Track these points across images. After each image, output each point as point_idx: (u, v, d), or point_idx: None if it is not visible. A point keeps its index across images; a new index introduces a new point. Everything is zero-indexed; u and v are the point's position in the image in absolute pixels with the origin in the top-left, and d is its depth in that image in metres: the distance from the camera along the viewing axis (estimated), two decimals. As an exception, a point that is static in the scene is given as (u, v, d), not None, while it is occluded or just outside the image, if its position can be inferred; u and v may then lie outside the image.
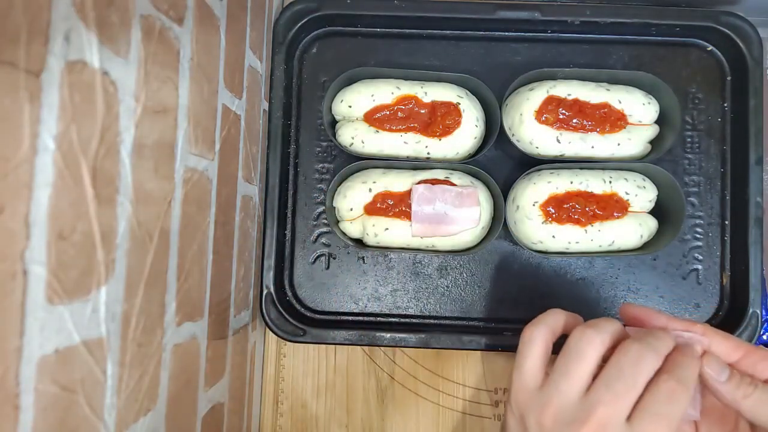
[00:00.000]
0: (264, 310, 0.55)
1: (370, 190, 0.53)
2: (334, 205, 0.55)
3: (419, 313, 0.57)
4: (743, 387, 0.36)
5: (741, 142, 0.55)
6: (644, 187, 0.53)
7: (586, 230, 0.51)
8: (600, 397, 0.34)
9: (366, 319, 0.57)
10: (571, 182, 0.52)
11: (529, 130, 0.52)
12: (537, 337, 0.39)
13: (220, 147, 0.45)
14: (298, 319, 0.56)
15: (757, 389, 0.36)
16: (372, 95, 0.53)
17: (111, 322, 0.30)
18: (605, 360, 0.36)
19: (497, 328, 0.56)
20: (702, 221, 0.57)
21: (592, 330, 0.36)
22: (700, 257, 0.57)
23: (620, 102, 0.53)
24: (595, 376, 0.35)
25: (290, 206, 0.58)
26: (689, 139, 0.57)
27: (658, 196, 0.53)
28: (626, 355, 0.35)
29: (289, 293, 0.57)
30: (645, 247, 0.54)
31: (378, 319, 0.57)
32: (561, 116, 0.52)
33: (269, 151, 0.56)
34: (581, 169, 0.54)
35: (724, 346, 0.38)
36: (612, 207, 0.52)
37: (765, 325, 0.56)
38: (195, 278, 0.41)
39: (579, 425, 0.33)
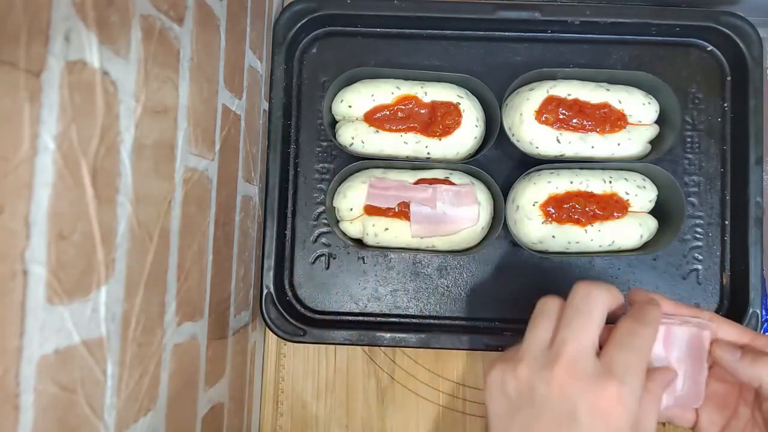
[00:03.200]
0: (264, 310, 0.55)
1: (370, 190, 0.53)
2: (334, 205, 0.55)
3: (419, 313, 0.57)
4: (760, 361, 0.36)
5: (741, 142, 0.55)
6: (644, 187, 0.53)
7: (586, 230, 0.51)
8: (564, 336, 0.35)
9: (366, 319, 0.57)
10: (571, 182, 0.52)
11: (529, 130, 0.52)
12: (538, 319, 0.39)
13: (220, 147, 0.45)
14: (298, 319, 0.56)
15: None
16: (372, 95, 0.53)
17: (111, 322, 0.30)
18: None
19: (497, 328, 0.56)
20: (702, 221, 0.57)
21: (552, 297, 0.39)
22: (700, 257, 0.57)
23: (620, 102, 0.53)
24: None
25: (290, 206, 0.58)
26: (689, 139, 0.57)
27: (658, 196, 0.53)
28: (576, 294, 0.37)
29: (289, 293, 0.57)
30: (645, 247, 0.54)
31: (378, 319, 0.57)
32: (561, 116, 0.52)
33: (269, 151, 0.56)
34: (581, 169, 0.54)
35: (730, 331, 0.39)
36: (612, 207, 0.52)
37: (765, 325, 0.56)
38: (195, 278, 0.41)
39: (551, 365, 0.34)
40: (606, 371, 0.33)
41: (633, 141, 0.53)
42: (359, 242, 0.55)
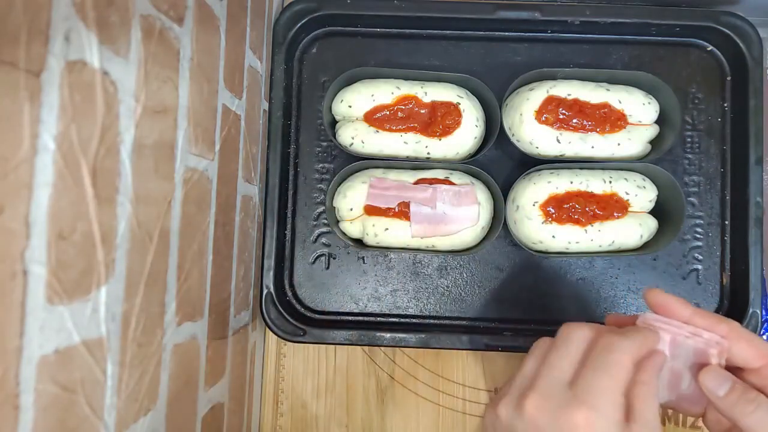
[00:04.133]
0: (264, 310, 0.55)
1: (370, 190, 0.53)
2: (334, 205, 0.55)
3: (419, 313, 0.57)
4: (741, 404, 0.35)
5: (741, 142, 0.55)
6: (644, 187, 0.53)
7: (586, 230, 0.51)
8: (539, 371, 0.36)
9: (366, 319, 0.57)
10: (571, 182, 0.52)
11: (529, 130, 0.52)
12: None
13: (220, 147, 0.45)
14: (298, 319, 0.56)
15: (758, 409, 0.34)
16: (372, 95, 0.53)
17: (111, 322, 0.30)
18: None
19: (497, 328, 0.56)
20: (702, 221, 0.57)
21: (544, 340, 0.39)
22: (700, 257, 0.57)
23: (620, 102, 0.53)
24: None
25: (290, 206, 0.58)
26: (689, 139, 0.57)
27: (658, 196, 0.53)
28: (559, 335, 0.38)
29: (289, 293, 0.57)
30: (645, 247, 0.54)
31: (378, 319, 0.57)
32: (561, 116, 0.52)
33: (269, 151, 0.56)
34: (581, 169, 0.54)
35: (746, 352, 0.36)
36: (612, 207, 0.52)
37: (765, 325, 0.56)
38: (195, 278, 0.41)
39: (524, 398, 0.35)
40: (574, 398, 0.33)
41: (633, 141, 0.53)
42: (359, 242, 0.55)
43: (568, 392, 0.34)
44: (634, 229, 0.52)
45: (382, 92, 0.53)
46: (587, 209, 0.51)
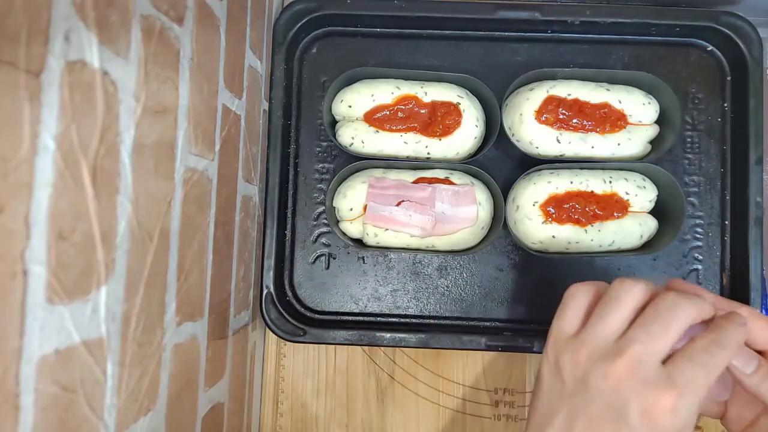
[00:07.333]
0: (264, 310, 0.55)
1: (370, 190, 0.53)
2: (334, 205, 0.55)
3: (419, 313, 0.57)
4: None
5: (741, 142, 0.55)
6: (644, 187, 0.53)
7: (586, 230, 0.51)
8: (636, 336, 0.34)
9: (366, 319, 0.57)
10: (571, 182, 0.52)
11: (529, 130, 0.52)
12: (580, 292, 0.39)
13: (220, 147, 0.45)
14: (298, 319, 0.56)
15: None
16: (372, 95, 0.53)
17: (111, 322, 0.30)
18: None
19: (497, 328, 0.56)
20: (702, 221, 0.57)
21: (632, 280, 0.37)
22: (700, 257, 0.57)
23: (620, 102, 0.53)
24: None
25: (290, 206, 0.58)
26: (689, 139, 0.57)
27: (658, 196, 0.53)
28: (663, 300, 0.35)
29: (289, 293, 0.57)
30: (645, 247, 0.54)
31: (378, 319, 0.57)
32: (561, 116, 0.52)
33: (269, 151, 0.56)
34: (581, 169, 0.54)
35: (765, 332, 0.37)
36: (612, 207, 0.52)
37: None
38: (195, 278, 0.41)
39: (613, 359, 0.33)
40: (668, 380, 0.32)
41: (633, 141, 0.53)
42: (359, 242, 0.55)
43: (661, 371, 0.33)
44: (634, 229, 0.52)
45: (382, 92, 0.53)
46: (587, 209, 0.51)
